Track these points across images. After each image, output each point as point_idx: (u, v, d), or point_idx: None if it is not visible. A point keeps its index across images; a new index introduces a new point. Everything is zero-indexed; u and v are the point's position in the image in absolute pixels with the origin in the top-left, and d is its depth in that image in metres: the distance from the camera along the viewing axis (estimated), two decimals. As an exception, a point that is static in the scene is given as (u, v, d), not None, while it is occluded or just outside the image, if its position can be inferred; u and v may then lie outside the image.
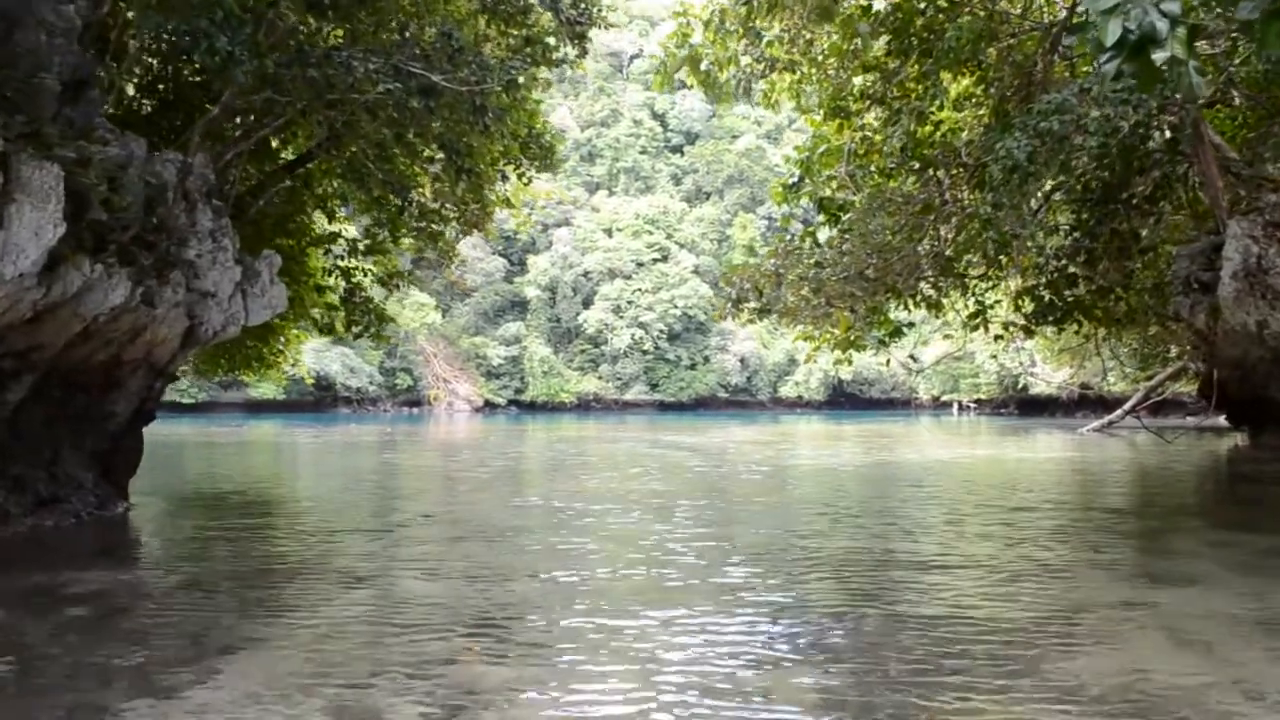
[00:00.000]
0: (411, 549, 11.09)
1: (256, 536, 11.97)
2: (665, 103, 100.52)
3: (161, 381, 13.45)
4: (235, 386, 71.59)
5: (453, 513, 14.48)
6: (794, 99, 19.15)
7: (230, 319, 13.66)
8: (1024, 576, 9.27)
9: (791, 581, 9.12)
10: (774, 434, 42.67)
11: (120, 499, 13.16)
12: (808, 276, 14.89)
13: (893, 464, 23.89)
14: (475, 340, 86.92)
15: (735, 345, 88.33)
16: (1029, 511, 14.33)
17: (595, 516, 13.57)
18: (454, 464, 25.28)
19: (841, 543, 11.48)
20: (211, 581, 9.14)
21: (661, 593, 8.58)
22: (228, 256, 13.48)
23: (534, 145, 18.23)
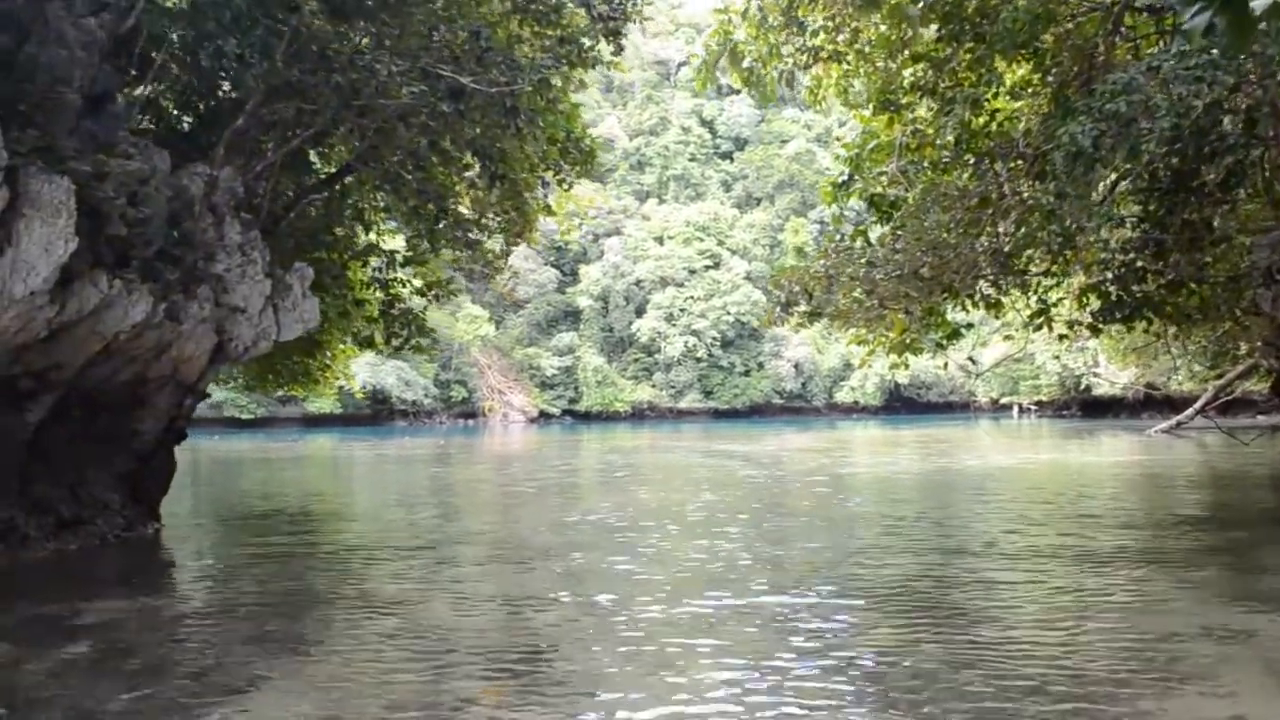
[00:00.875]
0: (446, 571, 10.53)
1: (288, 558, 11.49)
2: (714, 109, 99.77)
3: (192, 399, 13.03)
4: (292, 401, 71.83)
5: (495, 531, 13.93)
6: (841, 94, 18.39)
7: (261, 334, 13.22)
8: (1103, 600, 8.46)
9: (847, 608, 8.38)
10: (830, 441, 41.72)
11: (150, 520, 12.76)
12: (859, 277, 14.11)
13: (953, 471, 22.96)
14: (529, 351, 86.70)
15: (789, 351, 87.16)
16: (1101, 522, 13.43)
17: (640, 534, 12.92)
18: (503, 478, 24.78)
19: (901, 562, 10.71)
20: (230, 610, 8.64)
21: (705, 623, 7.90)
22: (257, 270, 13.04)
23: (573, 150, 17.62)
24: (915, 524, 13.86)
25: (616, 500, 17.58)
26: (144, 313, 10.92)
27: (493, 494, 20.14)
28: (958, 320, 19.46)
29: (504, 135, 13.38)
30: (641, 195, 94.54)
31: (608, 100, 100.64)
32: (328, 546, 12.41)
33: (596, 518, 14.81)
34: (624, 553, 11.31)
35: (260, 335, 13.18)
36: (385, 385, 75.01)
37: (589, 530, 13.39)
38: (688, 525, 13.79)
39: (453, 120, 13.02)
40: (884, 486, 19.85)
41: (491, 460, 33.27)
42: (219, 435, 56.26)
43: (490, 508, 17.40)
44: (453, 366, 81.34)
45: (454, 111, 12.58)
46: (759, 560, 10.76)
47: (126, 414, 12.15)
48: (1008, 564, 10.34)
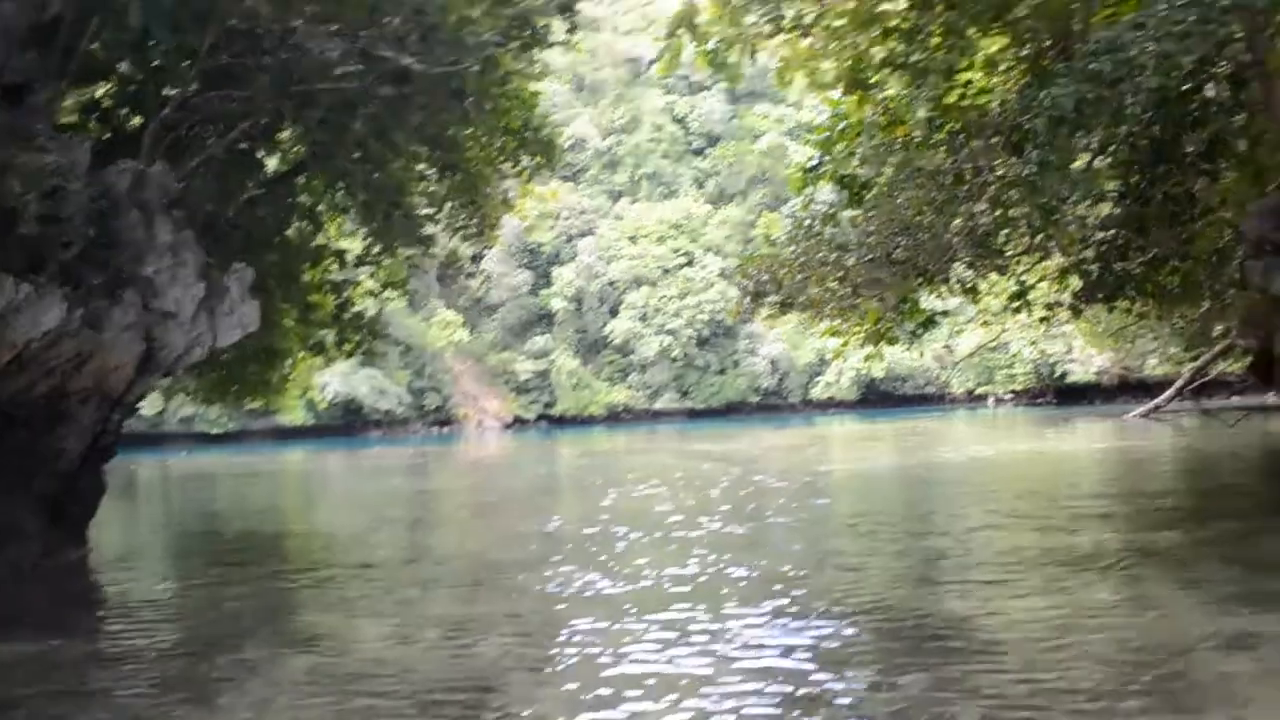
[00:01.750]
0: (386, 597, 9.68)
1: (217, 585, 10.61)
2: (685, 106, 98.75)
3: (120, 413, 12.13)
4: (264, 415, 70.46)
5: (449, 547, 13.11)
6: (809, 75, 17.64)
7: (195, 341, 12.33)
8: (1100, 607, 7.71)
9: (821, 626, 7.60)
10: (807, 438, 41.05)
11: (73, 545, 11.84)
12: (831, 262, 13.37)
13: (931, 465, 22.28)
14: (503, 356, 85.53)
15: (764, 348, 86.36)
16: (1087, 515, 12.72)
17: (603, 544, 12.11)
18: (469, 488, 23.92)
19: (880, 567, 9.98)
20: (139, 652, 7.77)
21: (664, 649, 7.07)
22: (189, 272, 12.15)
23: (533, 141, 16.80)
24: (893, 525, 13.13)
25: (582, 508, 16.80)
26: (57, 319, 10.04)
27: (455, 506, 19.30)
28: (932, 308, 18.78)
29: (452, 121, 12.55)
30: (614, 195, 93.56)
31: (579, 99, 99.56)
32: (263, 571, 11.52)
33: (560, 527, 14.01)
34: (583, 566, 10.51)
35: (194, 342, 12.30)
36: (358, 395, 73.67)
37: (549, 542, 12.58)
38: (655, 533, 12.99)
39: (397, 106, 12.19)
40: (861, 484, 19.14)
41: (461, 470, 32.39)
42: (187, 451, 55.05)
43: (449, 521, 16.57)
44: (426, 374, 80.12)
45: (397, 96, 11.75)
46: (728, 571, 9.97)
47: (45, 431, 11.23)
48: (992, 568, 9.62)
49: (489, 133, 14.54)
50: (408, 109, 12.18)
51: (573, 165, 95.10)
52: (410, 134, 13.32)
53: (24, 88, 11.23)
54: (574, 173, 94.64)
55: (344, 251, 17.59)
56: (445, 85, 11.61)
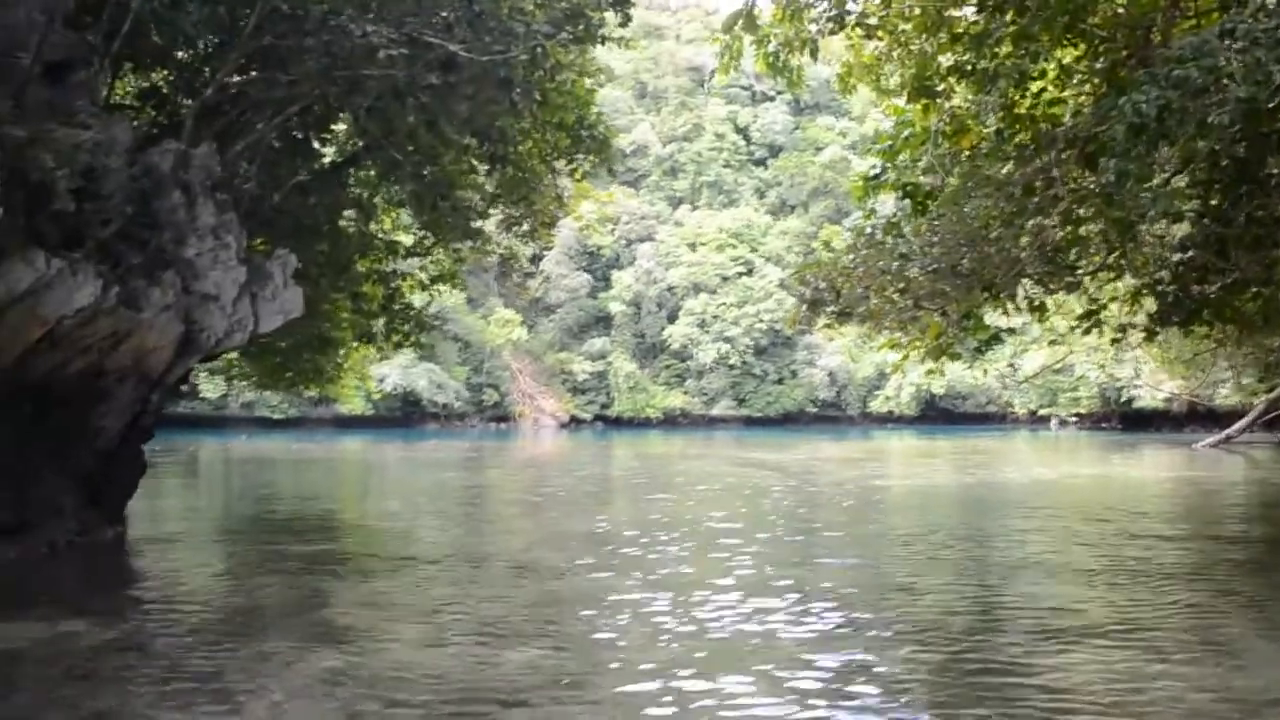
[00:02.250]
0: (422, 593, 9.25)
1: (251, 572, 10.27)
2: (748, 115, 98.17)
3: (159, 394, 11.86)
4: (324, 403, 71.13)
5: (492, 543, 12.65)
6: (872, 82, 17.01)
7: (236, 325, 12.04)
8: (1174, 649, 7.02)
9: (876, 649, 7.02)
10: (863, 451, 40.17)
11: (110, 524, 11.57)
12: (892, 272, 12.70)
13: (993, 485, 21.44)
14: (561, 356, 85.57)
15: (823, 359, 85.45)
16: (1160, 547, 11.95)
17: (651, 550, 11.59)
18: (520, 484, 23.52)
19: (939, 590, 9.33)
20: (159, 637, 7.42)
21: (707, 666, 6.56)
22: (230, 255, 11.86)
23: (587, 138, 16.37)
24: (954, 546, 12.42)
25: (631, 511, 16.31)
26: (91, 296, 9.76)
27: (503, 502, 18.90)
28: (996, 324, 18.00)
29: (500, 112, 12.13)
30: (674, 201, 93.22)
31: (641, 106, 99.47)
32: (300, 560, 11.15)
33: (605, 531, 13.51)
34: (624, 574, 10.00)
35: (234, 326, 12.01)
36: (416, 388, 74.13)
37: (593, 546, 12.07)
38: (702, 542, 12.46)
39: (444, 95, 11.80)
40: (921, 502, 18.40)
41: (514, 467, 32.04)
42: (247, 435, 55.55)
43: (495, 518, 16.14)
44: (485, 370, 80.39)
45: (443, 84, 11.36)
46: (776, 587, 9.40)
47: (83, 410, 10.99)
48: (1061, 597, 8.92)
49: (540, 127, 14.12)
50: (455, 98, 11.79)
51: (634, 171, 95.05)
52: (459, 125, 12.92)
53: (66, 65, 11.02)
54: (635, 178, 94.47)
55: (396, 242, 17.28)
56: (493, 74, 11.19)
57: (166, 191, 11.40)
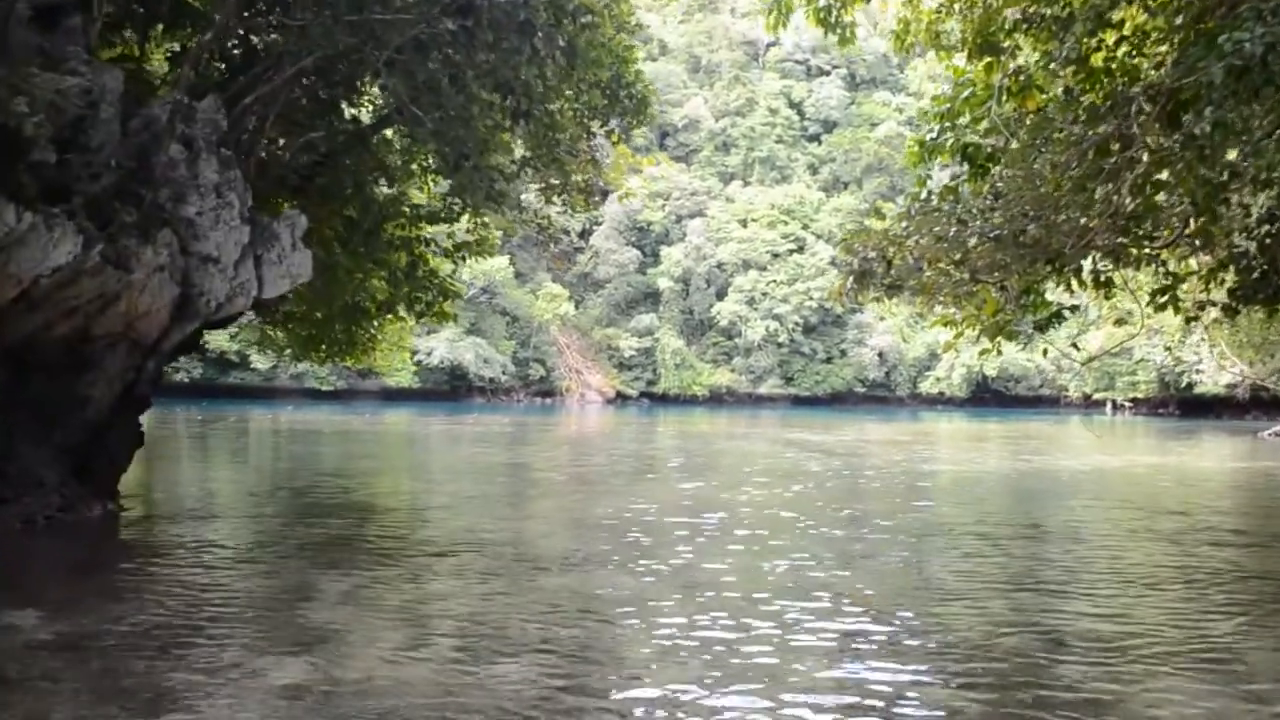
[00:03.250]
0: (414, 587, 8.34)
1: (237, 558, 9.42)
2: (802, 90, 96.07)
3: (154, 361, 11.05)
4: (371, 375, 71.07)
5: (504, 529, 11.71)
6: (931, 39, 15.73)
7: (238, 289, 11.19)
8: (1262, 670, 5.92)
9: (915, 668, 5.99)
10: (912, 433, 38.84)
11: (99, 500, 10.78)
12: (948, 238, 11.54)
13: (1051, 473, 20.17)
14: (608, 331, 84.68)
15: (873, 338, 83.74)
16: (1241, 549, 10.76)
17: (676, 541, 10.62)
18: (553, 462, 22.63)
19: (989, 596, 8.25)
20: (108, 634, 6.56)
21: (718, 685, 5.60)
22: (233, 214, 11.01)
23: (624, 98, 15.29)
24: (1008, 543, 11.29)
25: (665, 494, 15.33)
26: (69, 254, 8.94)
27: (530, 481, 18.00)
28: (1058, 301, 16.72)
29: (523, 62, 11.11)
30: (726, 177, 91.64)
31: (694, 80, 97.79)
32: (295, 544, 10.30)
33: (631, 516, 12.54)
34: (643, 568, 9.04)
35: (236, 290, 11.16)
36: (463, 361, 73.74)
37: (617, 534, 11.10)
38: (741, 530, 11.47)
39: (465, 44, 10.82)
40: (972, 489, 17.22)
41: (551, 442, 31.19)
42: (293, 406, 55.36)
43: (519, 499, 15.23)
44: (531, 345, 79.79)
45: (462, 30, 10.37)
46: (806, 588, 8.38)
47: (69, 377, 10.20)
48: (1131, 611, 7.81)
49: (573, 84, 13.07)
50: (475, 47, 10.81)
51: (685, 145, 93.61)
52: (481, 77, 11.91)
53: (58, 10, 10.19)
54: (686, 153, 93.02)
55: (419, 206, 16.36)
56: (513, 19, 10.20)
57: (166, 146, 10.56)
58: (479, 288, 76.11)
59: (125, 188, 10.38)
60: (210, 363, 64.55)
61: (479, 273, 75.49)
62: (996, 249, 11.98)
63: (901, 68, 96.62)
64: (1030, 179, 10.83)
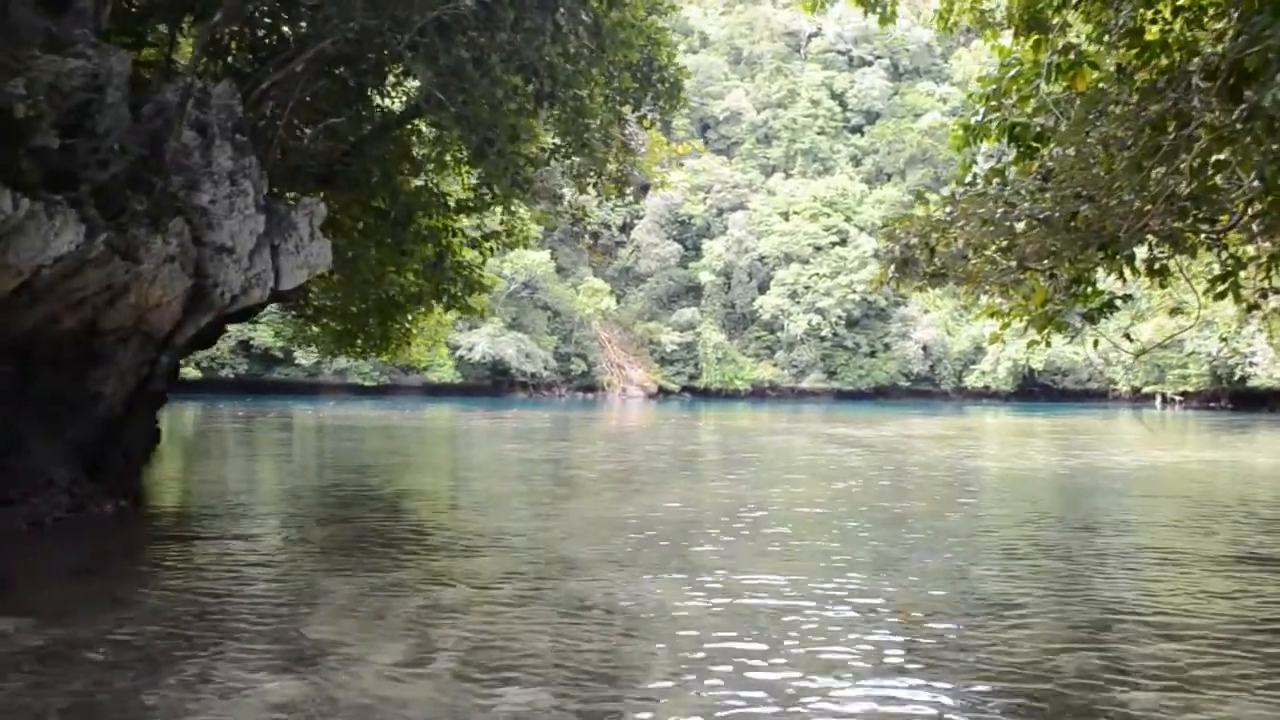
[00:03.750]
0: (430, 596, 7.85)
1: (244, 560, 8.99)
2: (844, 81, 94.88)
3: (169, 355, 10.69)
4: (414, 370, 71.24)
5: (535, 529, 11.21)
6: (975, 18, 15.03)
7: (254, 279, 10.80)
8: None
9: (966, 679, 5.41)
10: (957, 428, 37.95)
11: (112, 498, 10.41)
12: (994, 221, 10.90)
13: (1101, 470, 19.36)
14: (649, 326, 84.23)
15: (917, 332, 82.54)
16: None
17: (707, 544, 10.09)
18: (590, 458, 22.15)
19: (1042, 609, 7.62)
20: (95, 645, 6.15)
21: (753, 701, 5.07)
22: (248, 202, 10.61)
23: (656, 82, 14.75)
24: (1061, 549, 10.61)
25: (699, 492, 14.79)
26: (72, 244, 8.56)
27: (565, 478, 17.52)
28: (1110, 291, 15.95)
29: (545, 42, 10.61)
30: (767, 169, 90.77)
31: (735, 73, 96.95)
32: (309, 547, 9.87)
33: (665, 514, 12.03)
34: (671, 575, 8.51)
35: (252, 281, 10.77)
36: (504, 356, 73.57)
37: (643, 533, 10.60)
38: (772, 531, 10.92)
39: (484, 21, 10.34)
40: (1020, 488, 16.49)
41: (588, 437, 30.73)
42: (335, 402, 55.41)
43: (549, 496, 14.74)
44: (573, 339, 79.52)
45: (481, 8, 9.88)
46: (843, 595, 7.81)
47: (78, 373, 9.85)
48: (1203, 632, 7.14)
49: (593, 62, 12.53)
50: (496, 26, 10.33)
51: (726, 138, 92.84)
52: (504, 58, 11.43)
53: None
54: (727, 146, 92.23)
55: (446, 195, 15.93)
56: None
57: (177, 131, 10.18)
58: (520, 283, 75.97)
59: (138, 175, 10.02)
60: (255, 359, 64.97)
61: (520, 268, 75.37)
62: (1046, 234, 11.31)
63: (945, 57, 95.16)
64: (1082, 159, 10.15)
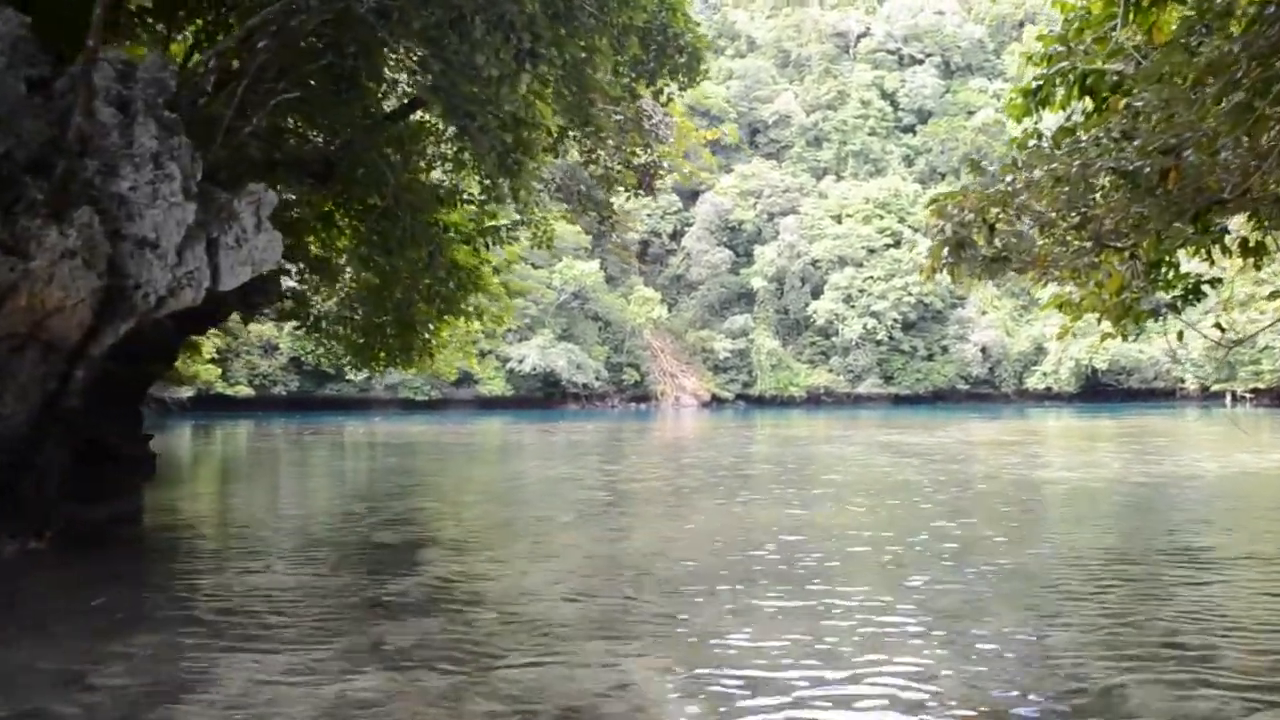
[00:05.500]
0: (377, 658, 6.02)
1: (155, 626, 7.21)
2: (895, 80, 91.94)
3: (83, 368, 8.96)
4: (466, 384, 70.00)
5: (534, 570, 9.35)
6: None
7: (184, 279, 9.06)
8: None
9: None
10: (1020, 432, 35.42)
11: (18, 538, 8.69)
12: (1069, 178, 8.82)
13: (1191, 480, 16.96)
14: (702, 334, 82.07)
15: (976, 333, 79.41)
16: None
17: (737, 578, 8.16)
18: (636, 473, 20.19)
19: (1149, 679, 5.57)
20: None
21: None
22: (174, 188, 8.88)
23: (671, 50, 12.87)
24: (1157, 583, 8.50)
25: (735, 516, 12.82)
26: (-79, 234, 6.88)
27: (582, 500, 15.62)
28: (1196, 273, 13.69)
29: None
30: (818, 172, 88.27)
31: (783, 76, 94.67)
32: (259, 631, 8.06)
33: (692, 544, 10.14)
34: (684, 635, 6.60)
35: (182, 280, 9.03)
36: (555, 368, 71.91)
37: (671, 574, 8.71)
38: (811, 563, 8.95)
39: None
40: (1101, 505, 14.26)
41: (640, 451, 28.78)
42: (381, 417, 54.14)
43: (573, 518, 12.81)
44: (625, 349, 77.66)
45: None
46: (893, 672, 5.81)
47: (-35, 390, 8.20)
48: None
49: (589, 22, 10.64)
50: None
51: (776, 142, 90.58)
52: (487, 19, 9.60)
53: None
54: (777, 149, 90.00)
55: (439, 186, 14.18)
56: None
57: (82, 105, 8.49)
58: (570, 293, 74.44)
59: (44, 158, 8.36)
60: (306, 375, 64.10)
61: (570, 278, 73.79)
62: (1131, 199, 9.20)
63: (998, 52, 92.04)
64: (1174, 103, 8.07)
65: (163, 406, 55.96)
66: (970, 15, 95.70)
